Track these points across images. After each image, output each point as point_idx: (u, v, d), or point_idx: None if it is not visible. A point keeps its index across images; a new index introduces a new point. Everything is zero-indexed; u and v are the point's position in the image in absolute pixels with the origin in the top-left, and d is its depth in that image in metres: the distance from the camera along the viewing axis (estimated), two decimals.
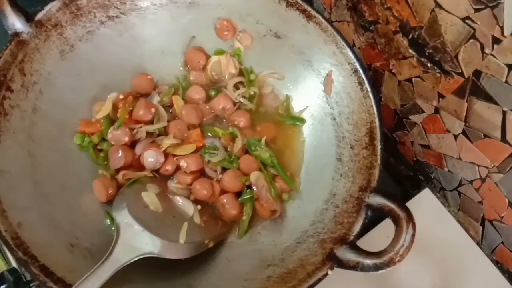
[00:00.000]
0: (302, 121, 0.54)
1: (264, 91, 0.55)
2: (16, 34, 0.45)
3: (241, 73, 0.56)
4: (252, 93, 0.55)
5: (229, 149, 0.52)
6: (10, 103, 0.44)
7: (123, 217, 0.42)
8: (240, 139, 0.51)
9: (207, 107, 0.53)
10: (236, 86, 0.55)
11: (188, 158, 0.49)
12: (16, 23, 0.45)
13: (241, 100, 0.54)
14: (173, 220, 0.45)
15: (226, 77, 0.55)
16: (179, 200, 0.48)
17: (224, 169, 0.50)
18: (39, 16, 0.47)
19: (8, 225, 0.39)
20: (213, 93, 0.54)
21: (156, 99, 0.52)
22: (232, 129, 0.52)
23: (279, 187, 0.50)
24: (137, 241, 0.41)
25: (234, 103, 0.54)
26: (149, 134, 0.50)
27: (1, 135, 0.43)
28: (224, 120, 0.54)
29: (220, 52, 0.55)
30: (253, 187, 0.49)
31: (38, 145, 0.46)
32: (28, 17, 0.46)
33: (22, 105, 0.45)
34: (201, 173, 0.50)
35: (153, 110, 0.50)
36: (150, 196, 0.46)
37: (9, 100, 0.44)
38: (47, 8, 0.47)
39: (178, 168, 0.49)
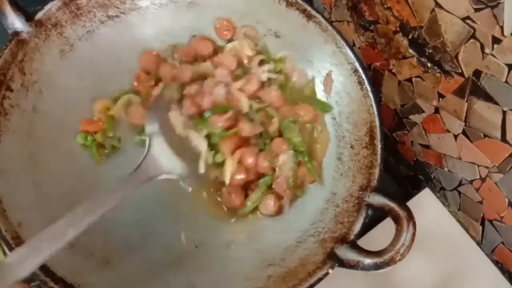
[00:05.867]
0: (329, 108, 0.51)
1: (288, 70, 0.54)
2: (16, 33, 0.45)
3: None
4: (278, 69, 0.53)
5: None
6: (10, 103, 0.44)
7: (155, 131, 0.44)
8: (276, 119, 0.50)
9: None
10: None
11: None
12: (16, 22, 0.45)
13: (270, 75, 0.52)
14: (192, 149, 0.46)
15: (246, 61, 0.54)
16: (195, 136, 0.47)
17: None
18: (39, 15, 0.47)
19: (8, 225, 0.39)
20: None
21: None
22: (268, 109, 0.51)
23: (301, 177, 0.49)
24: (163, 159, 0.43)
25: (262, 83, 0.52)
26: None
27: (1, 135, 0.42)
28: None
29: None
30: (276, 169, 0.48)
31: (38, 145, 0.46)
32: (28, 17, 0.46)
33: (22, 104, 0.45)
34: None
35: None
36: (176, 117, 0.46)
37: (9, 99, 0.44)
38: (47, 7, 0.47)
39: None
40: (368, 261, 0.38)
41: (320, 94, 0.53)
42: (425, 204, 0.56)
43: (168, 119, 0.46)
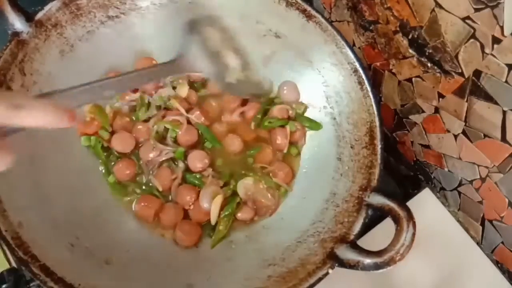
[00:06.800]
0: (319, 126, 0.52)
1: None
2: (16, 34, 0.45)
3: None
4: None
5: None
6: None
7: (193, 31, 0.45)
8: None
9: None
10: None
11: None
12: (16, 22, 0.45)
13: None
14: (223, 64, 0.47)
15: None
16: (228, 52, 0.49)
17: None
18: (39, 16, 0.47)
19: (9, 225, 0.39)
20: None
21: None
22: None
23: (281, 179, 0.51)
24: (198, 57, 0.44)
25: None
26: None
27: None
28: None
29: None
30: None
31: (39, 145, 0.46)
32: (28, 17, 0.46)
33: None
34: None
35: None
36: (212, 32, 0.48)
37: None
38: (47, 7, 0.47)
39: None
40: (368, 261, 0.38)
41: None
42: (425, 204, 0.56)
43: (203, 32, 0.47)
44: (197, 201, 0.48)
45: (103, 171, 0.50)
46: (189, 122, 0.51)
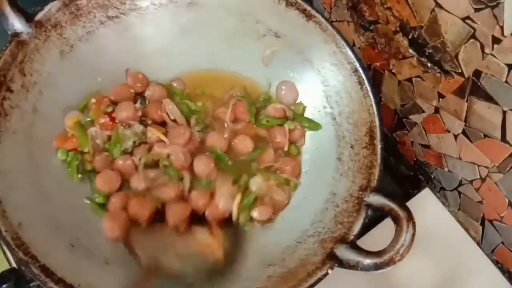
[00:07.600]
0: (318, 127, 0.52)
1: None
2: (16, 34, 0.45)
3: None
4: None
5: None
6: (10, 104, 0.44)
7: None
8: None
9: None
10: None
11: None
12: (16, 23, 0.45)
13: None
14: None
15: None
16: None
17: None
18: (39, 16, 0.47)
19: (9, 226, 0.39)
20: None
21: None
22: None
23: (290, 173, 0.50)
24: None
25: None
26: None
27: (1, 135, 0.43)
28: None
29: None
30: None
31: (38, 145, 0.46)
32: (28, 18, 0.46)
33: (22, 105, 0.45)
34: None
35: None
36: None
37: (9, 100, 0.44)
38: (46, 8, 0.47)
39: None
40: (367, 261, 0.38)
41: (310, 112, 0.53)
42: (425, 204, 0.56)
43: None
44: (212, 202, 0.47)
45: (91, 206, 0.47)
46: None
